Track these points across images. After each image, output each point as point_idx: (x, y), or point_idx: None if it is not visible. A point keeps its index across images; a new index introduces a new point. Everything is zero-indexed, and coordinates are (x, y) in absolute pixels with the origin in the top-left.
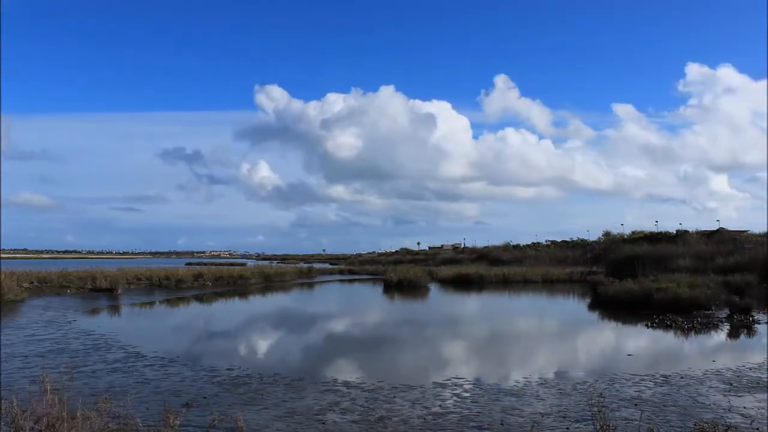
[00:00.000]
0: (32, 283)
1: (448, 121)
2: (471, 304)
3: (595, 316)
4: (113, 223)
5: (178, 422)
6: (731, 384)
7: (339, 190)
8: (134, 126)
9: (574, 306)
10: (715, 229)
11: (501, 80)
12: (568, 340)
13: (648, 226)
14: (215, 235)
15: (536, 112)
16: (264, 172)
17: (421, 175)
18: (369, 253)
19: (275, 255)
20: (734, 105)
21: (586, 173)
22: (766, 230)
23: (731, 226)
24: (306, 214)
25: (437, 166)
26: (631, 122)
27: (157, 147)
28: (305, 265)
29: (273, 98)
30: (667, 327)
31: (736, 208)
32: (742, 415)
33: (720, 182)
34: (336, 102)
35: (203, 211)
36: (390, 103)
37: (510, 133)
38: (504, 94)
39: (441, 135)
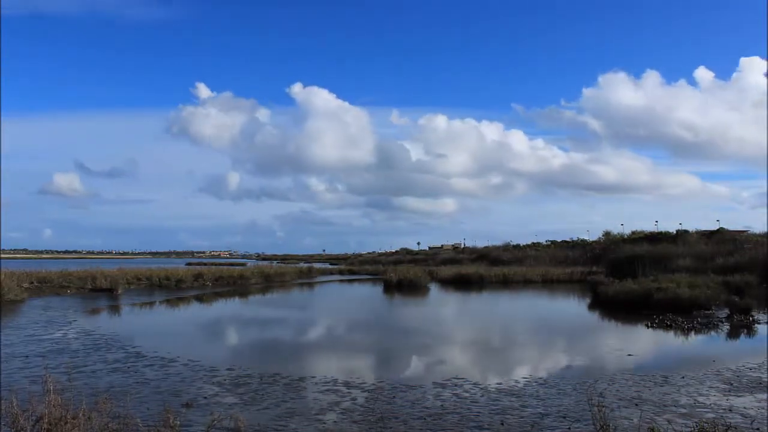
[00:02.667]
0: (32, 283)
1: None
2: (471, 304)
3: (595, 316)
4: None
5: (178, 422)
6: (731, 384)
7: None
8: (63, 126)
9: (574, 306)
10: (715, 229)
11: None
12: (568, 340)
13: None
14: (196, 236)
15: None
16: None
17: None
18: (369, 253)
19: (275, 255)
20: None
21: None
22: (766, 230)
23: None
24: (274, 213)
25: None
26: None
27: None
28: (305, 265)
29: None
30: (667, 327)
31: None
32: (742, 415)
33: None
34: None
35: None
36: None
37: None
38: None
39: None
